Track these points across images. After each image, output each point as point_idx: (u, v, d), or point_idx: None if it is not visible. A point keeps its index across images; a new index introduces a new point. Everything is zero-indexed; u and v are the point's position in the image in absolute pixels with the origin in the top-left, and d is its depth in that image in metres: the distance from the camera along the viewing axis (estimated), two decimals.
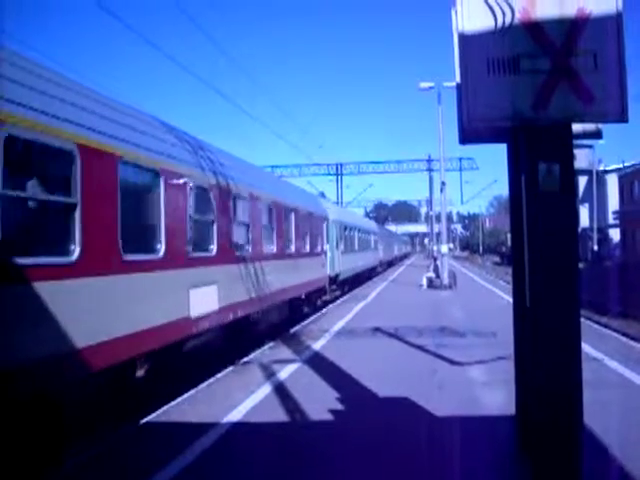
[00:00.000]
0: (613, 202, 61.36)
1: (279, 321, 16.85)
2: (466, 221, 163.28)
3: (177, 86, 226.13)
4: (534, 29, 4.77)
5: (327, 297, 24.66)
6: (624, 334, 15.54)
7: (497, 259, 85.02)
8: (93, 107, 7.77)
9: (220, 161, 12.22)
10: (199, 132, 12.33)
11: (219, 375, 10.73)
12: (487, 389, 9.04)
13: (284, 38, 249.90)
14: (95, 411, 7.74)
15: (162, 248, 9.04)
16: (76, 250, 6.84)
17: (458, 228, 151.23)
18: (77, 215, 6.88)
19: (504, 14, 4.83)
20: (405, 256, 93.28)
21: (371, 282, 36.82)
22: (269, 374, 10.51)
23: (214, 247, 11.17)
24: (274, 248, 15.59)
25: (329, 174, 66.45)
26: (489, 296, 25.87)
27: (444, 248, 32.57)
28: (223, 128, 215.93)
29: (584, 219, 58.31)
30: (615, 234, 62.37)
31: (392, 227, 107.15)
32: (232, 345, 12.65)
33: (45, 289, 6.24)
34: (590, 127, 5.34)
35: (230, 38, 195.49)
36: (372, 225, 50.82)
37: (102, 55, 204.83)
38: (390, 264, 61.72)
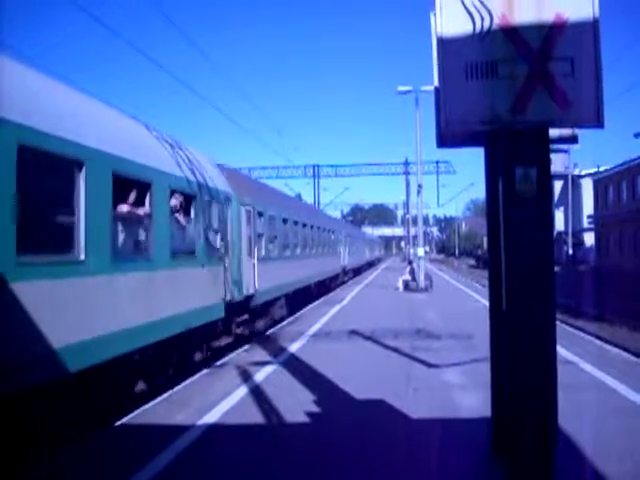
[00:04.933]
0: (588, 206, 62.16)
1: None
2: (442, 224, 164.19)
3: (146, 81, 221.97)
4: (512, 34, 4.80)
5: None
6: (598, 337, 15.73)
7: (473, 262, 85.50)
8: None
9: None
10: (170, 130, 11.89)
11: (195, 377, 10.67)
12: (463, 392, 9.09)
13: (260, 36, 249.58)
14: (69, 413, 7.64)
15: None
16: None
17: (434, 231, 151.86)
18: None
19: (483, 19, 4.87)
20: (372, 264, 70.20)
21: (345, 285, 34.27)
22: (245, 376, 10.46)
23: None
24: None
25: (306, 176, 66.28)
26: (465, 299, 26.00)
27: (420, 251, 32.64)
28: (194, 127, 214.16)
29: (559, 223, 59.01)
30: (589, 238, 63.19)
31: (369, 229, 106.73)
32: None
33: None
34: (566, 132, 5.39)
35: (202, 34, 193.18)
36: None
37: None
38: (320, 291, 28.88)
